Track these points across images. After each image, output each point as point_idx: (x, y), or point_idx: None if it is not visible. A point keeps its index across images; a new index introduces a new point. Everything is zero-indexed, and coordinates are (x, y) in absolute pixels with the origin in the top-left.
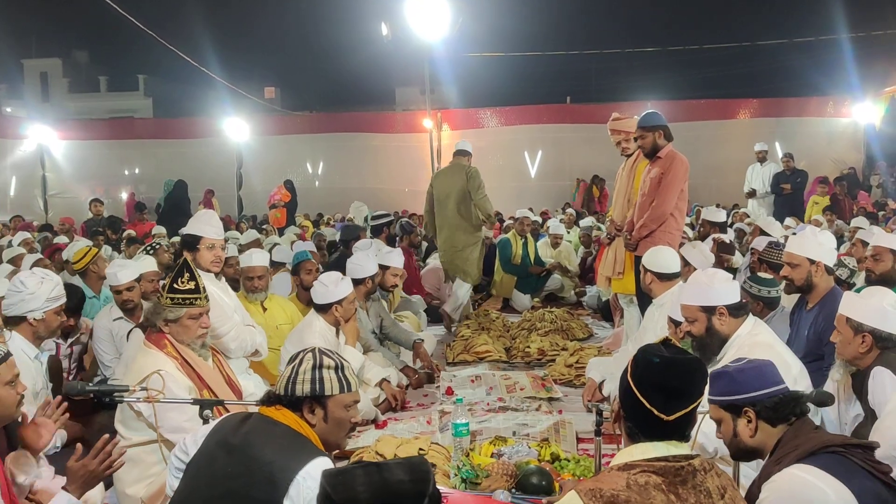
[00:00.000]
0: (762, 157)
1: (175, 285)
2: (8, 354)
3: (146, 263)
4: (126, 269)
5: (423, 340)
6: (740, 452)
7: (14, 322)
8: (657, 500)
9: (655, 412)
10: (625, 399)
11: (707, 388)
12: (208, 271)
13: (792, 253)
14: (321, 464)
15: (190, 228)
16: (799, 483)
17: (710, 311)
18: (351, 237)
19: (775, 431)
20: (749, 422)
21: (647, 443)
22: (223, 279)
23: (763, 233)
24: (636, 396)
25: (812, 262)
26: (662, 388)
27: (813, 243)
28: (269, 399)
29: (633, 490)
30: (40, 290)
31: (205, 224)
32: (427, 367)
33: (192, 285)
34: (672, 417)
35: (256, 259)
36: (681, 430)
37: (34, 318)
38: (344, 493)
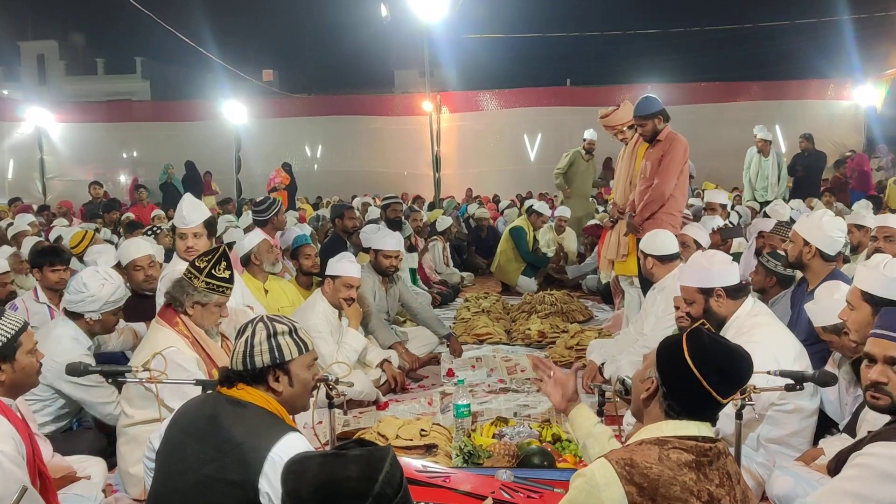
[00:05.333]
0: (762, 147)
1: (213, 271)
2: (26, 324)
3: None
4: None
5: (456, 336)
6: (891, 405)
7: (73, 316)
8: (687, 477)
9: (713, 393)
10: (675, 377)
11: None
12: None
13: (795, 229)
14: (293, 439)
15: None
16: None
17: (707, 292)
18: (337, 215)
19: None
20: None
21: (679, 421)
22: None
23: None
24: (694, 376)
25: (806, 243)
26: (723, 371)
27: (813, 226)
28: (229, 378)
29: (665, 465)
30: (101, 293)
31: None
32: (458, 356)
33: (227, 274)
34: (727, 400)
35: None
36: (716, 414)
37: (91, 319)
38: (292, 483)
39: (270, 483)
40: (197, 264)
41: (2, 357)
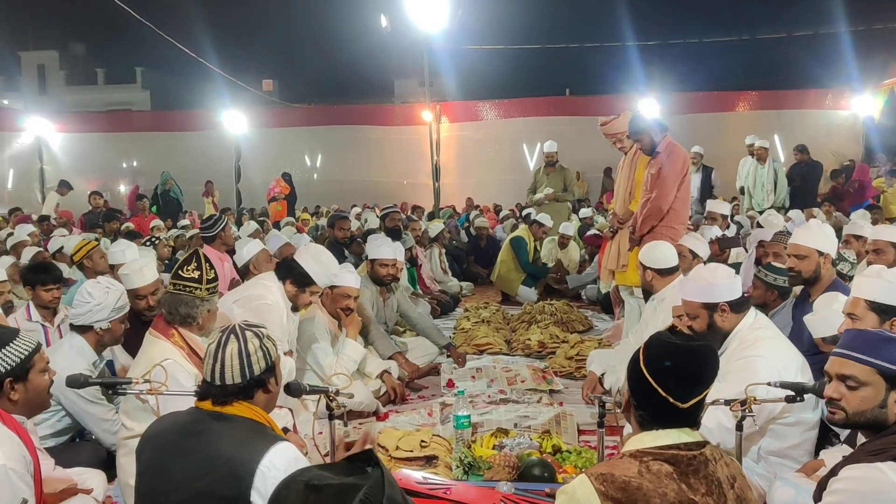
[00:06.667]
0: (760, 155)
1: (206, 276)
2: (40, 345)
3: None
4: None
5: (456, 346)
6: (872, 424)
7: (80, 330)
8: (669, 488)
9: (671, 400)
10: (636, 387)
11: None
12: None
13: (800, 244)
14: (283, 449)
15: (306, 265)
16: (879, 479)
17: (711, 307)
18: (331, 224)
19: None
20: None
21: (659, 430)
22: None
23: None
24: (650, 384)
25: (821, 253)
26: (677, 375)
27: (820, 235)
28: (225, 394)
29: (646, 477)
30: (106, 300)
31: (323, 270)
32: (461, 365)
33: (213, 273)
34: (687, 405)
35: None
36: (693, 417)
37: (101, 328)
38: None
39: (262, 496)
40: (189, 276)
41: (14, 377)
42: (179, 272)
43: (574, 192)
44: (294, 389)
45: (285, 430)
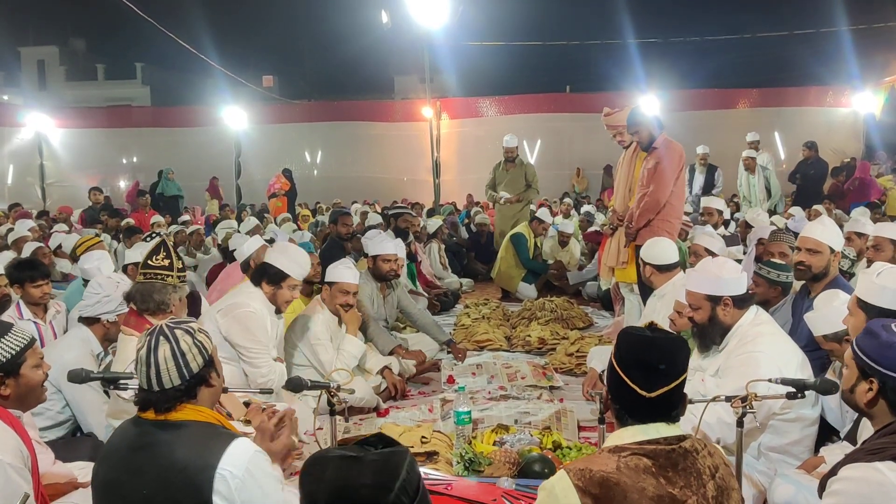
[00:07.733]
0: (748, 165)
1: (175, 264)
2: (34, 340)
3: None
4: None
5: (456, 342)
6: (849, 403)
7: (88, 322)
8: (648, 482)
9: (638, 390)
10: (610, 381)
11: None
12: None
13: (815, 239)
14: (239, 447)
15: (276, 262)
16: (877, 479)
17: (715, 300)
18: (333, 220)
19: (891, 414)
20: (869, 390)
21: (637, 426)
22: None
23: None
24: (619, 375)
25: (832, 250)
26: (643, 365)
27: (833, 232)
28: (166, 399)
29: (624, 473)
30: (116, 293)
31: (293, 262)
32: (461, 360)
33: (181, 263)
34: (654, 394)
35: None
36: (666, 411)
37: (108, 321)
38: (309, 485)
39: (226, 499)
40: (159, 264)
41: (5, 372)
42: (149, 262)
43: (537, 188)
44: (295, 385)
45: (247, 403)
